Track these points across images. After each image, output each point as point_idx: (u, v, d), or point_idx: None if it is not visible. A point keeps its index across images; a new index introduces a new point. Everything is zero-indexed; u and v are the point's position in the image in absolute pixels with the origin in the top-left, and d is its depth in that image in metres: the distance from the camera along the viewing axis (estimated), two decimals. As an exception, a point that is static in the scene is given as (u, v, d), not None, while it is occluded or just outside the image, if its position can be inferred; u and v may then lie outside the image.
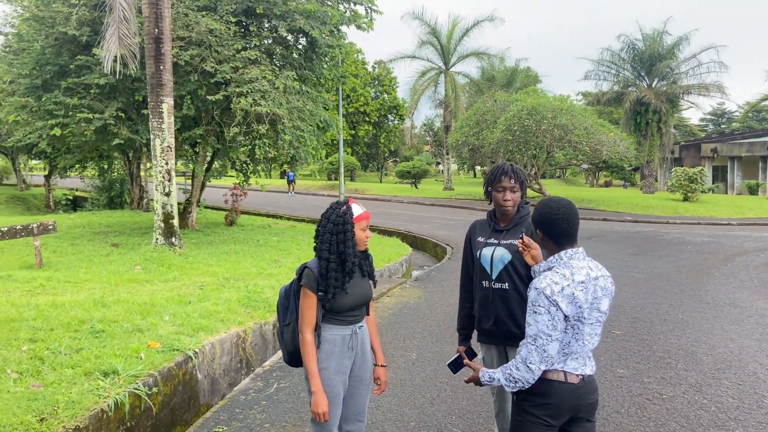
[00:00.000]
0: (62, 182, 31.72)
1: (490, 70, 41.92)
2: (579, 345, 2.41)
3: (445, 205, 27.35)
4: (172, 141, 10.51)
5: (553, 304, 2.30)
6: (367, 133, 53.93)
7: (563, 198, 2.48)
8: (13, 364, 4.81)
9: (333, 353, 2.84)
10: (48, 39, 12.19)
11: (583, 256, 2.46)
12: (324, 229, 2.83)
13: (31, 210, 25.61)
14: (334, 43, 13.27)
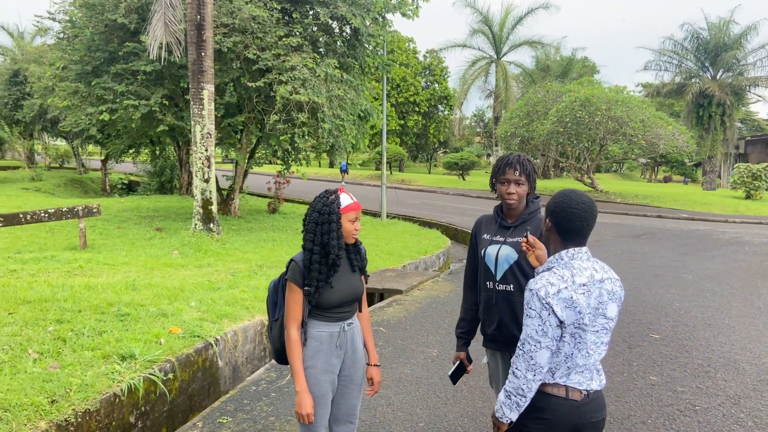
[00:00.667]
0: (118, 167, 32.81)
1: (545, 60, 40.81)
2: (583, 356, 2.19)
3: (491, 198, 26.84)
4: (212, 128, 10.59)
5: (546, 307, 2.09)
6: (417, 124, 53.54)
7: (585, 195, 2.25)
8: (36, 344, 4.90)
9: (320, 351, 2.69)
10: (98, 26, 12.48)
11: (588, 256, 2.23)
12: (309, 219, 2.66)
13: (88, 193, 26.56)
14: (377, 32, 13.08)
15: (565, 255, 2.21)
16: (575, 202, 2.21)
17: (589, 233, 2.24)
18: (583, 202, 2.21)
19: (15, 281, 7.20)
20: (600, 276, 2.21)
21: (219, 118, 13.13)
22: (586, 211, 2.20)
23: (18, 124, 28.90)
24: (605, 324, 2.23)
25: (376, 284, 7.97)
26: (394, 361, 5.17)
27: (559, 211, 2.24)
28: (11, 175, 30.06)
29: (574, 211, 2.20)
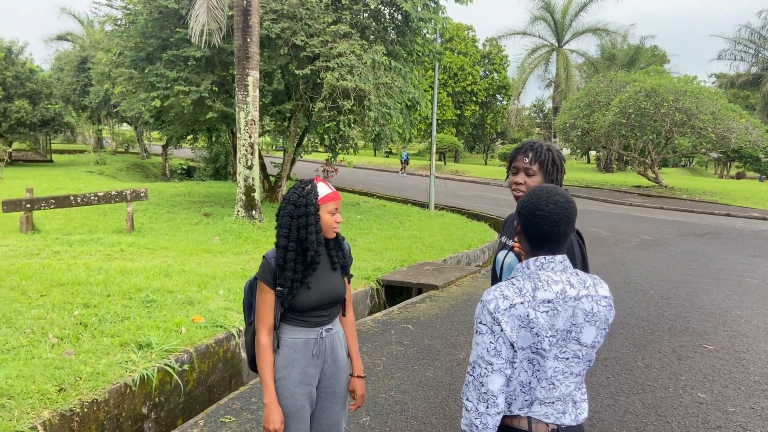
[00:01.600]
0: (179, 152, 33.68)
1: (611, 49, 39.11)
2: (544, 388, 1.79)
3: (547, 191, 25.98)
4: (257, 114, 10.53)
5: (497, 322, 1.72)
6: (474, 114, 52.55)
7: (561, 193, 1.85)
8: (57, 328, 4.90)
9: (294, 360, 2.41)
10: (152, 12, 12.63)
11: (563, 267, 1.83)
12: (283, 212, 2.37)
13: (149, 177, 27.34)
14: (427, 17, 12.69)
15: (532, 264, 1.82)
16: (545, 203, 1.81)
17: (565, 239, 1.84)
18: (554, 203, 1.81)
19: (56, 263, 7.33)
20: (575, 292, 1.80)
21: (267, 105, 13.10)
22: (558, 213, 1.80)
23: (85, 110, 30.05)
24: (578, 351, 1.82)
25: (411, 278, 7.70)
26: (418, 362, 4.90)
27: (525, 213, 1.85)
28: (78, 158, 31.33)
29: (542, 213, 1.81)
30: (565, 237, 1.83)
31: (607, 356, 5.18)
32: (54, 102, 26.09)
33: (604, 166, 44.89)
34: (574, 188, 27.56)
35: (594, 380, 4.63)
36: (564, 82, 34.19)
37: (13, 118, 23.61)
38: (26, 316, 5.15)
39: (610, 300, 1.89)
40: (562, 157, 2.53)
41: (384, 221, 12.86)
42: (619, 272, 9.03)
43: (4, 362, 4.09)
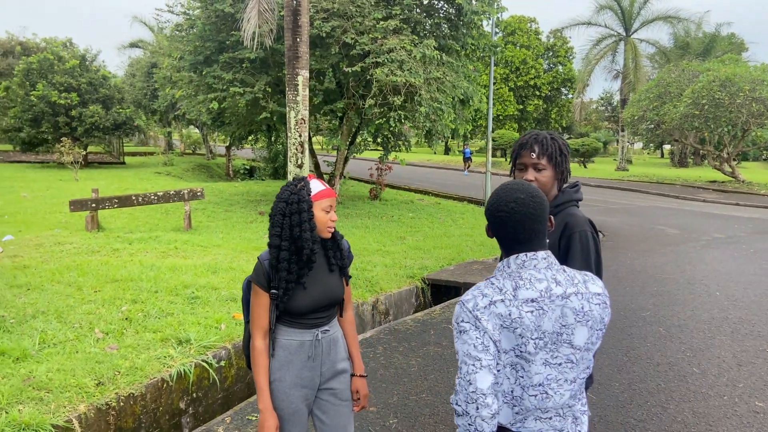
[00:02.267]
0: (242, 153, 34.57)
1: (684, 37, 37.23)
2: (535, 397, 1.63)
3: (612, 188, 25.04)
4: (306, 114, 10.60)
5: (477, 319, 1.58)
6: (537, 108, 51.32)
7: (523, 188, 1.69)
8: (104, 323, 5.06)
9: (289, 362, 2.34)
10: (210, 16, 12.96)
11: (547, 264, 1.67)
12: (275, 210, 2.30)
13: (213, 177, 28.21)
14: (481, 10, 12.42)
15: (513, 262, 1.67)
16: (504, 202, 1.67)
17: (538, 237, 1.67)
18: (515, 200, 1.66)
19: (113, 260, 7.61)
20: (562, 290, 1.64)
21: (319, 104, 13.20)
22: (520, 211, 1.65)
23: (154, 114, 31.32)
24: (572, 355, 1.65)
25: (458, 277, 7.53)
26: (454, 364, 4.76)
27: (488, 215, 1.72)
28: (148, 160, 32.74)
29: (502, 214, 1.66)
30: (536, 234, 1.67)
31: (660, 361, 4.88)
32: (125, 106, 27.32)
33: (678, 161, 42.89)
34: (642, 184, 26.44)
35: (643, 387, 4.36)
36: (632, 72, 32.80)
37: (87, 123, 24.88)
38: (77, 311, 5.35)
39: (604, 297, 1.73)
40: (567, 145, 2.37)
41: (436, 219, 12.70)
42: (684, 272, 8.53)
43: (49, 356, 4.25)
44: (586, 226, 2.24)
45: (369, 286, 6.98)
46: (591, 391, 4.23)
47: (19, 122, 24.88)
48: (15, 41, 31.06)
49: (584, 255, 2.19)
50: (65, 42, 29.10)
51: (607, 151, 64.98)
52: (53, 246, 8.42)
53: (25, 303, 5.51)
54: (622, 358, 4.91)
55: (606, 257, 10.03)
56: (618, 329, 5.68)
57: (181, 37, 14.16)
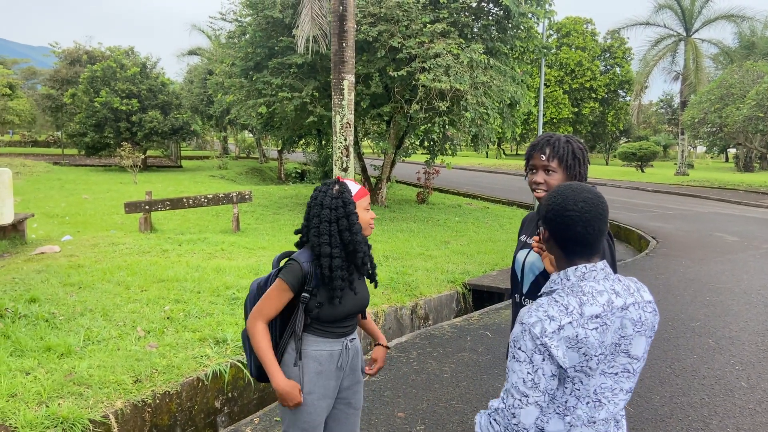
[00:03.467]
0: (294, 156, 35.11)
1: (750, 37, 35.56)
2: (588, 406, 1.60)
3: (670, 192, 24.12)
4: (352, 117, 10.68)
5: (540, 350, 1.52)
6: (593, 111, 50.09)
7: (588, 189, 1.66)
8: (146, 322, 5.21)
9: (320, 374, 2.29)
10: (260, 23, 13.24)
11: (605, 274, 1.64)
12: (319, 219, 2.21)
13: (265, 180, 28.77)
14: (528, 11, 12.22)
15: (572, 274, 1.62)
16: (573, 201, 1.62)
17: (601, 239, 1.63)
18: (584, 200, 1.62)
19: (162, 260, 7.85)
20: (621, 302, 1.61)
21: (366, 108, 13.27)
22: (590, 211, 1.60)
23: (210, 119, 32.23)
24: (628, 365, 1.63)
25: (499, 283, 7.41)
26: (488, 371, 4.67)
27: (552, 216, 1.65)
28: (204, 164, 33.70)
29: (571, 213, 1.61)
30: (601, 236, 1.64)
31: (706, 374, 4.64)
32: (183, 112, 28.23)
33: (743, 165, 40.97)
34: (703, 189, 25.39)
35: (685, 400, 4.16)
36: (693, 74, 31.53)
37: (147, 128, 25.84)
38: (123, 309, 5.54)
39: (654, 304, 1.71)
40: (584, 148, 2.29)
41: (482, 224, 12.54)
42: (740, 282, 8.12)
43: (91, 352, 4.41)
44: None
45: (409, 290, 6.95)
46: (629, 403, 4.06)
47: (83, 127, 26.09)
48: (81, 50, 32.55)
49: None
50: (127, 50, 30.30)
51: (668, 155, 62.72)
52: (107, 246, 8.75)
53: (76, 301, 5.74)
54: (665, 370, 4.70)
55: (658, 265, 9.67)
56: (664, 340, 5.45)
57: (233, 43, 14.52)
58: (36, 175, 23.01)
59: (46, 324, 4.94)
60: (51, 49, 33.67)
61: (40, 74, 43.22)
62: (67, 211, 13.66)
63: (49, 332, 4.72)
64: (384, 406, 3.99)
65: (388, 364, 4.85)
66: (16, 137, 48.74)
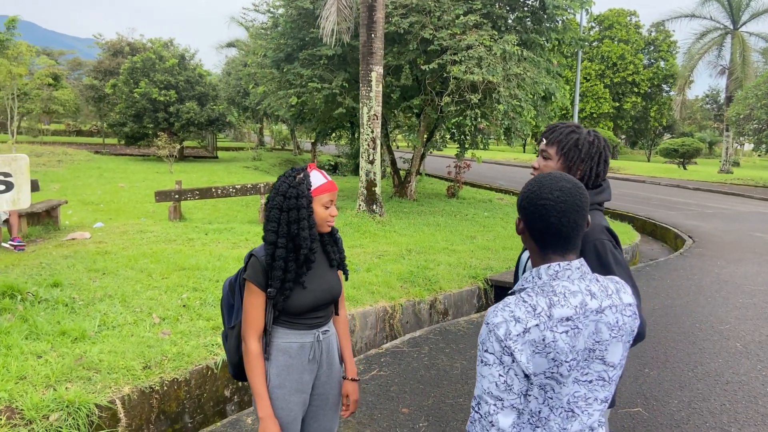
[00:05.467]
0: (327, 149, 35.27)
1: (803, 29, 34.10)
2: (561, 417, 1.48)
3: (712, 191, 23.34)
4: (379, 110, 10.61)
5: (507, 352, 1.42)
6: (635, 106, 48.80)
7: (566, 177, 1.53)
8: (162, 309, 5.26)
9: (290, 367, 2.20)
10: (291, 13, 13.26)
11: (580, 273, 1.51)
12: (271, 204, 2.15)
13: (299, 172, 28.94)
14: (564, 4, 11.91)
15: (544, 272, 1.50)
16: (548, 190, 1.49)
17: (578, 233, 1.50)
18: (560, 189, 1.49)
19: (187, 249, 7.94)
20: (597, 304, 1.47)
21: (396, 100, 13.17)
22: (566, 200, 1.48)
23: (246, 110, 32.59)
24: (603, 372, 1.49)
25: (522, 280, 7.24)
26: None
27: (526, 204, 1.53)
28: (239, 155, 34.13)
29: (546, 202, 1.48)
30: (577, 229, 1.51)
31: (730, 380, 4.44)
32: (219, 103, 28.60)
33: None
34: (746, 188, 24.49)
35: (704, 406, 3.98)
36: (739, 68, 30.37)
37: (184, 118, 26.27)
38: (141, 296, 5.61)
39: (635, 308, 1.57)
40: (599, 143, 2.12)
41: (511, 219, 12.33)
42: (779, 284, 7.77)
43: (105, 338, 4.46)
44: (602, 235, 2.02)
45: (428, 284, 6.86)
46: (643, 407, 3.91)
47: (123, 117, 26.68)
48: (124, 42, 33.29)
49: (602, 267, 1.97)
50: (167, 42, 30.83)
51: (714, 153, 60.72)
52: (136, 234, 8.91)
53: (98, 286, 5.84)
54: (687, 374, 4.52)
55: (691, 265, 9.34)
56: (689, 342, 5.24)
57: (265, 35, 14.59)
58: (77, 163, 23.66)
59: (66, 308, 5.03)
60: (95, 40, 34.54)
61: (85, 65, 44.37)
62: (103, 198, 13.98)
63: (67, 317, 4.80)
64: (389, 401, 3.93)
65: (398, 358, 4.79)
66: (61, 126, 50.23)
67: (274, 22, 14.15)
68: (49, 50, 54.86)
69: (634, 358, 4.88)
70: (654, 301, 6.76)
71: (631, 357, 4.91)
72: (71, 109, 36.26)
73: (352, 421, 3.67)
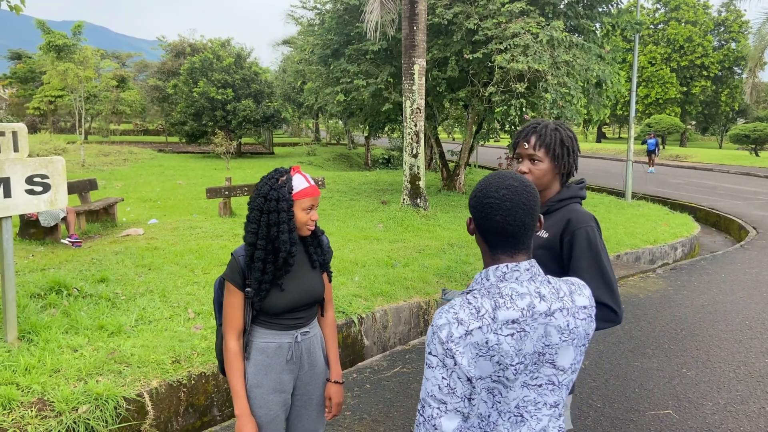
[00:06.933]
0: (380, 142, 35.35)
1: None
2: (510, 422, 1.43)
3: (787, 178, 21.99)
4: (422, 103, 10.53)
5: (449, 354, 1.37)
6: (704, 90, 46.45)
7: (518, 176, 1.48)
8: (198, 304, 5.42)
9: (268, 366, 2.22)
10: (338, 9, 13.33)
11: (529, 275, 1.46)
12: (252, 205, 2.15)
13: (352, 167, 29.20)
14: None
15: (492, 274, 1.45)
16: (495, 188, 1.46)
17: (525, 232, 1.45)
18: (507, 187, 1.44)
19: (232, 244, 8.14)
20: (546, 306, 1.42)
21: (443, 92, 13.04)
22: (511, 199, 1.43)
23: (301, 107, 33.10)
24: (553, 377, 1.44)
25: (564, 275, 7.04)
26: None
27: (474, 203, 1.50)
28: (294, 150, 34.72)
29: (492, 201, 1.45)
30: (525, 229, 1.46)
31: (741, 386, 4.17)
32: (274, 100, 29.16)
33: None
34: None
35: (741, 408, 3.75)
36: (818, 46, 28.33)
37: (240, 116, 26.95)
38: (181, 291, 5.79)
39: (590, 310, 1.50)
40: (574, 137, 2.13)
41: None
42: None
43: (139, 332, 4.64)
44: (591, 222, 2.08)
45: (465, 279, 6.78)
46: (674, 409, 3.72)
47: (183, 116, 27.63)
48: (185, 43, 34.43)
49: (593, 252, 2.03)
50: (224, 42, 31.66)
51: (792, 137, 57.10)
52: (186, 230, 9.20)
53: (142, 282, 6.07)
54: (728, 374, 4.27)
55: (750, 258, 8.82)
56: (735, 341, 4.95)
57: (312, 31, 14.74)
58: (141, 161, 24.69)
59: (108, 303, 5.25)
60: (159, 42, 35.88)
61: (150, 67, 46.18)
62: (161, 195, 14.52)
63: (107, 311, 5.01)
64: (407, 398, 3.91)
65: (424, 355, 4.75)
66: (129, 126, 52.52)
67: (320, 18, 14.28)
68: (118, 53, 57.45)
69: (672, 358, 4.66)
70: (703, 297, 6.42)
71: (669, 356, 4.69)
72: (138, 109, 37.86)
73: (367, 418, 3.67)
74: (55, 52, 20.29)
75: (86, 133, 36.09)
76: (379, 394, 4.04)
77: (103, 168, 21.46)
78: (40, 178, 4.18)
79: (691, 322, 5.60)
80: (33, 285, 5.47)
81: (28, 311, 4.76)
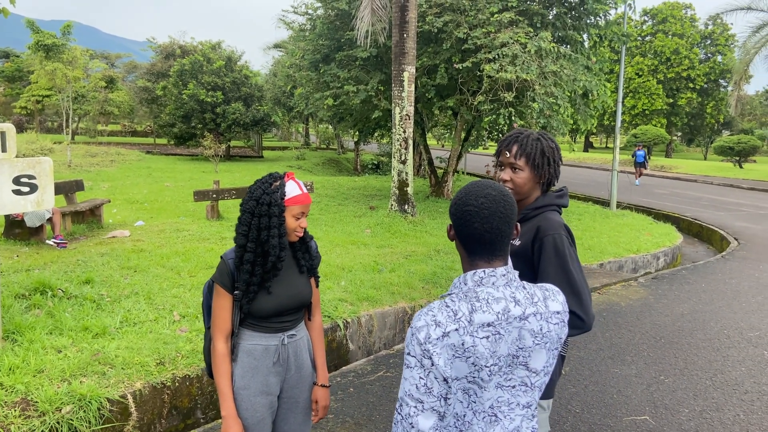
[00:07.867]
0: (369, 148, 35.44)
1: None
2: (485, 422, 1.49)
3: (767, 190, 22.33)
4: (411, 110, 10.62)
5: (427, 355, 1.44)
6: (690, 102, 47.09)
7: (497, 186, 1.55)
8: (183, 306, 5.43)
9: (255, 369, 2.25)
10: (329, 15, 13.40)
11: (505, 280, 1.52)
12: (244, 207, 2.17)
13: (341, 172, 29.24)
14: None
15: (470, 278, 1.52)
16: (474, 197, 1.52)
17: (502, 239, 1.52)
18: (486, 195, 1.51)
19: (218, 247, 8.15)
20: (521, 311, 1.49)
21: (431, 99, 13.14)
22: (489, 207, 1.50)
23: (291, 111, 33.13)
24: (526, 378, 1.50)
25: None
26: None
27: (453, 210, 1.57)
28: (283, 154, 34.71)
29: (470, 209, 1.51)
30: (502, 236, 1.53)
31: (750, 389, 4.27)
32: (264, 104, 29.16)
33: None
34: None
35: (716, 416, 3.84)
36: (802, 61, 28.84)
37: (229, 119, 26.92)
38: (166, 294, 5.79)
39: (564, 315, 1.58)
40: (556, 147, 2.19)
41: (548, 219, 12.13)
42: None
43: (124, 334, 4.64)
44: (560, 230, 2.13)
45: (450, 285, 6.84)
46: (651, 415, 3.80)
47: (172, 118, 27.55)
48: (176, 44, 34.35)
49: (559, 259, 2.08)
50: (215, 45, 31.64)
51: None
52: (172, 232, 9.20)
53: (127, 284, 6.07)
54: (704, 382, 4.36)
55: (731, 268, 8.98)
56: (713, 349, 5.05)
57: (303, 36, 14.80)
58: (128, 163, 24.56)
59: (92, 305, 5.25)
60: (149, 44, 35.77)
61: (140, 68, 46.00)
62: (148, 197, 14.47)
63: (92, 313, 5.01)
64: (390, 402, 3.96)
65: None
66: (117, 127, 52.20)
67: (312, 23, 14.34)
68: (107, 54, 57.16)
69: (651, 365, 4.75)
70: (683, 306, 6.53)
71: (648, 364, 4.78)
72: (126, 110, 37.68)
73: (350, 421, 3.72)
74: (44, 51, 20.19)
75: (73, 133, 35.86)
76: (362, 398, 4.09)
77: (89, 169, 21.32)
78: (28, 179, 4.19)
79: (670, 330, 5.70)
80: (18, 285, 5.46)
81: (12, 312, 4.75)
